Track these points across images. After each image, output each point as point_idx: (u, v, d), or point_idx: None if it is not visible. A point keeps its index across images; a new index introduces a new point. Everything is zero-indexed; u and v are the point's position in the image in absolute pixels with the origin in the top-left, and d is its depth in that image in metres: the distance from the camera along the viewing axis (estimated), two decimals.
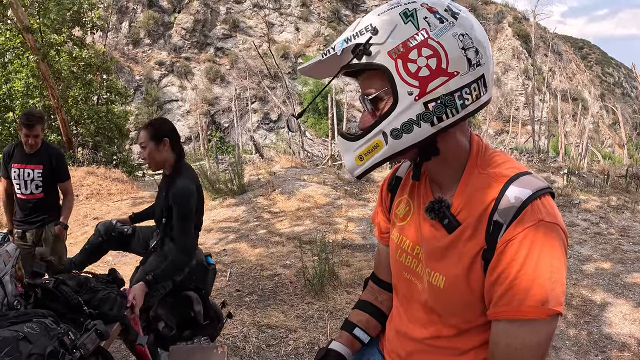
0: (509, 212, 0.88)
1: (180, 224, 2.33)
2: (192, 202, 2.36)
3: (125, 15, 32.26)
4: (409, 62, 0.85)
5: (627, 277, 4.19)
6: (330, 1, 37.35)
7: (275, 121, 30.96)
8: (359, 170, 0.96)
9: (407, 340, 1.10)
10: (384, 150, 0.91)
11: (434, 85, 0.86)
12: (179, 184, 2.34)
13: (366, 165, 0.94)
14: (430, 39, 0.85)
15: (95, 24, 12.34)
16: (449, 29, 0.86)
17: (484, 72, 0.89)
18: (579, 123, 24.07)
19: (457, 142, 0.97)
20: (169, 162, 2.44)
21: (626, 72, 55.33)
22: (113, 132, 12.59)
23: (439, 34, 0.86)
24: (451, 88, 0.86)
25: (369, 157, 0.93)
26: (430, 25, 0.86)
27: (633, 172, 8.55)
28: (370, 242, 5.21)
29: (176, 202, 2.32)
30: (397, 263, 1.13)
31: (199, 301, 2.59)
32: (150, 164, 2.43)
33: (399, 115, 0.88)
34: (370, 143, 0.92)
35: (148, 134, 2.37)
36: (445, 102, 0.87)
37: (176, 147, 2.44)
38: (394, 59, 0.86)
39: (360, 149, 0.93)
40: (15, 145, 3.22)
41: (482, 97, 0.90)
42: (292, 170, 9.18)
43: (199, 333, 2.62)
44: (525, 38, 39.88)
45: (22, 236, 3.21)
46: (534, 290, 0.84)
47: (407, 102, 0.87)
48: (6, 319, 1.53)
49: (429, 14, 0.87)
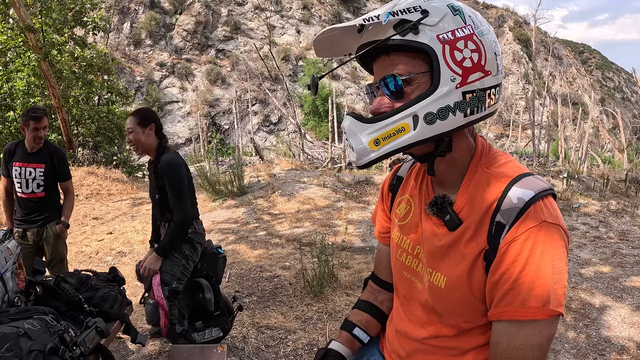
0: (512, 213, 0.88)
1: (174, 193, 2.50)
2: (181, 172, 2.53)
3: (127, 16, 32.32)
4: (456, 50, 0.86)
5: (626, 281, 4.19)
6: (331, 4, 37.44)
7: (275, 123, 30.98)
8: (371, 156, 0.89)
9: (407, 340, 1.10)
10: (409, 135, 0.87)
11: (473, 77, 0.87)
12: (164, 159, 2.52)
13: (382, 150, 0.89)
14: (475, 35, 0.88)
15: (97, 24, 12.36)
16: (486, 32, 0.91)
17: (502, 81, 0.95)
18: (579, 127, 24.10)
19: (466, 141, 0.98)
20: (153, 146, 2.61)
21: (626, 77, 55.43)
22: (113, 132, 12.59)
23: (481, 33, 0.90)
24: (485, 85, 0.89)
25: (388, 142, 0.88)
26: (474, 24, 0.90)
27: (633, 177, 8.55)
28: (369, 245, 5.21)
29: (166, 174, 2.49)
30: (398, 262, 1.13)
31: (210, 289, 2.72)
32: (137, 148, 2.60)
33: (438, 99, 0.86)
34: (393, 126, 0.87)
35: (136, 119, 2.56)
36: (479, 96, 0.89)
37: (159, 133, 2.64)
38: (442, 43, 0.86)
39: (379, 132, 0.88)
40: (17, 143, 3.21)
41: (497, 104, 0.94)
42: (292, 172, 9.18)
43: (211, 324, 2.74)
44: (525, 42, 39.98)
45: (23, 235, 3.20)
46: (536, 291, 0.84)
47: (448, 87, 0.86)
48: (7, 315, 1.54)
49: (472, 14, 0.91)
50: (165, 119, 29.09)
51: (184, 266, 2.59)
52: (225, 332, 2.83)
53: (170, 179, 2.49)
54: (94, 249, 5.36)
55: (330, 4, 37.41)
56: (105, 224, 6.51)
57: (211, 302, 2.72)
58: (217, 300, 2.77)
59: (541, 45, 39.72)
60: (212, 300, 2.72)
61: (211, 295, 2.72)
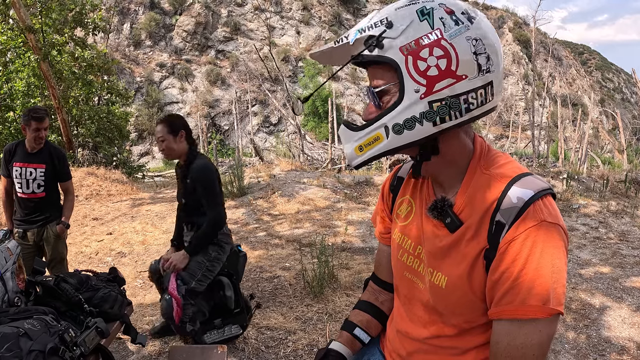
0: (511, 212, 0.89)
1: (208, 195, 2.60)
2: (213, 176, 2.64)
3: (127, 17, 32.34)
4: (419, 60, 0.86)
5: (626, 281, 4.19)
6: (331, 5, 37.47)
7: (275, 124, 30.98)
8: (357, 160, 0.96)
9: (408, 339, 1.10)
10: (383, 144, 0.91)
11: (440, 85, 0.86)
12: (197, 164, 2.63)
13: (365, 156, 0.95)
14: (443, 39, 0.86)
15: (97, 25, 12.37)
16: (463, 32, 0.87)
17: (492, 79, 0.90)
18: (578, 128, 24.11)
19: (460, 143, 0.97)
20: (184, 152, 2.69)
21: (626, 78, 55.48)
22: (113, 133, 12.60)
23: (452, 35, 0.86)
24: (457, 91, 0.87)
25: (368, 149, 0.93)
26: (445, 26, 0.87)
27: (632, 177, 8.56)
28: (369, 245, 5.21)
29: (199, 179, 2.59)
30: (399, 263, 1.13)
31: (230, 286, 2.79)
32: (169, 155, 2.69)
33: (403, 111, 0.88)
34: (371, 135, 0.92)
35: (166, 128, 2.63)
36: (450, 103, 0.87)
37: (190, 138, 2.72)
38: (405, 55, 0.86)
39: (361, 140, 0.94)
40: (17, 144, 3.20)
41: (487, 104, 0.91)
42: (292, 173, 9.18)
43: (230, 321, 2.81)
44: (525, 43, 40.00)
45: (23, 236, 3.19)
46: (536, 290, 0.84)
47: (413, 98, 0.87)
48: (7, 315, 1.53)
49: (446, 14, 0.87)
50: None
51: (207, 268, 2.65)
52: (243, 329, 2.91)
53: (204, 182, 2.59)
54: (94, 249, 5.36)
55: (330, 4, 37.43)
56: (105, 225, 6.51)
57: (232, 299, 2.79)
58: (237, 298, 2.84)
59: (541, 46, 39.73)
60: (232, 298, 2.80)
61: (232, 293, 2.80)
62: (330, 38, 34.82)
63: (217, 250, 2.70)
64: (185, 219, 2.79)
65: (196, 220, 2.71)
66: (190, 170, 2.63)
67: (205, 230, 2.62)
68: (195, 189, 2.62)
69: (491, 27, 0.92)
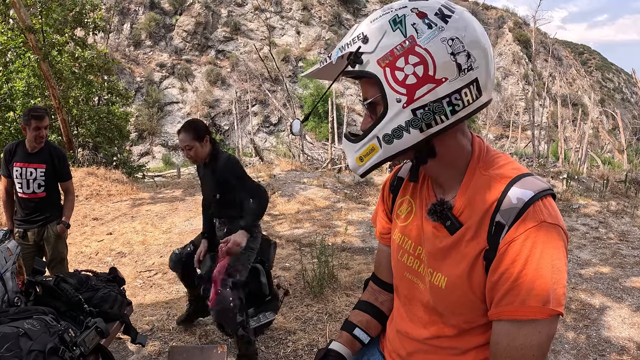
0: (511, 213, 0.89)
1: (244, 181, 2.69)
2: (238, 165, 2.73)
3: (127, 17, 32.34)
4: (397, 70, 0.86)
5: (626, 282, 4.19)
6: (331, 5, 37.46)
7: (275, 124, 30.98)
8: (360, 170, 0.99)
9: (407, 340, 1.10)
10: (379, 154, 0.94)
11: (421, 92, 0.86)
12: (222, 159, 2.71)
13: (366, 166, 0.97)
14: (417, 46, 0.85)
15: (97, 25, 12.36)
16: (437, 34, 0.86)
17: (477, 75, 0.88)
18: (578, 128, 24.12)
19: (458, 144, 0.97)
20: (209, 153, 2.76)
21: (626, 78, 55.47)
22: (113, 133, 12.59)
23: (426, 40, 0.85)
24: (439, 95, 0.86)
25: (367, 159, 0.96)
26: (417, 32, 0.86)
27: (632, 177, 8.56)
28: (369, 246, 5.21)
29: (229, 171, 2.67)
30: (399, 263, 1.13)
31: (264, 273, 2.86)
32: (196, 160, 2.75)
33: (389, 122, 0.90)
34: (367, 146, 0.95)
35: (192, 135, 2.66)
36: (434, 109, 0.87)
37: (212, 140, 2.78)
38: (383, 67, 0.87)
39: (360, 151, 0.96)
40: (17, 144, 3.20)
41: (475, 102, 0.89)
42: (292, 173, 9.19)
43: (263, 309, 2.90)
44: (525, 43, 40.00)
45: (24, 235, 3.19)
46: (536, 291, 0.84)
47: (396, 109, 0.88)
48: (6, 315, 1.54)
49: (418, 19, 0.87)
50: (165, 119, 29.12)
51: (246, 259, 2.71)
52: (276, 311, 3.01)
53: (236, 172, 2.68)
54: (94, 249, 5.36)
55: (330, 5, 37.43)
56: (105, 225, 6.51)
57: (266, 286, 2.87)
58: (270, 285, 2.92)
59: (541, 46, 39.73)
60: (267, 285, 2.87)
61: (265, 280, 2.86)
62: (330, 38, 34.85)
63: (251, 240, 2.74)
64: (217, 213, 2.86)
65: (230, 213, 2.78)
66: (218, 167, 2.69)
67: (257, 205, 2.65)
68: (226, 182, 2.68)
69: (472, 21, 0.90)
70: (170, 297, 3.84)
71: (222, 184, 2.71)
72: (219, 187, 2.75)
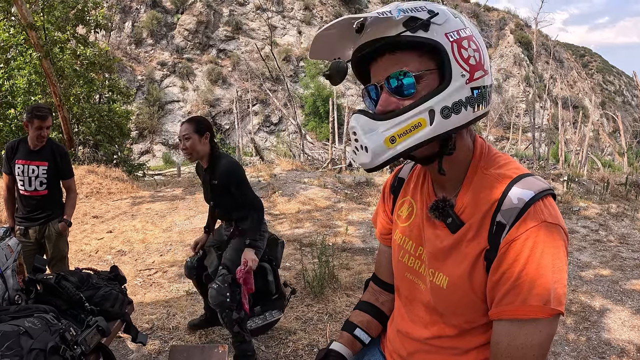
0: (512, 213, 0.89)
1: (243, 189, 2.67)
2: (241, 172, 2.69)
3: (129, 15, 32.32)
4: (462, 49, 0.89)
5: (626, 284, 4.19)
6: (333, 5, 37.44)
7: (276, 124, 30.96)
8: (388, 153, 0.87)
9: (408, 340, 1.11)
10: (427, 131, 0.86)
11: (478, 74, 0.90)
12: (223, 163, 2.66)
13: (399, 148, 0.87)
14: (474, 36, 0.92)
15: (99, 22, 12.35)
16: (479, 37, 0.93)
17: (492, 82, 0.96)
18: (579, 131, 24.12)
19: (464, 142, 0.98)
20: (207, 153, 2.70)
21: (627, 80, 55.45)
22: (114, 131, 12.57)
23: (477, 36, 0.93)
24: (486, 82, 0.91)
25: (404, 138, 0.86)
26: (471, 27, 0.93)
27: (633, 180, 8.56)
28: (370, 246, 5.21)
29: (229, 176, 2.63)
30: (400, 264, 1.13)
31: (272, 272, 2.89)
32: (191, 155, 2.67)
33: (452, 94, 0.87)
34: (410, 121, 0.86)
35: (192, 127, 2.64)
36: (483, 93, 0.91)
37: (212, 141, 2.74)
38: (451, 41, 0.88)
39: (395, 128, 0.86)
40: (19, 141, 3.20)
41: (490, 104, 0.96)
42: (292, 172, 9.19)
43: (269, 307, 2.93)
44: (527, 45, 39.99)
45: (25, 233, 3.19)
46: (537, 290, 0.84)
47: (459, 83, 0.87)
48: (7, 314, 1.53)
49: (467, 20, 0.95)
50: (165, 118, 29.09)
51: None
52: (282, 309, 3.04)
53: (236, 179, 2.64)
54: (94, 247, 5.35)
55: (331, 5, 37.40)
56: (105, 223, 6.51)
57: (273, 284, 2.89)
58: (277, 284, 2.94)
59: (542, 48, 39.74)
60: (274, 283, 2.89)
61: (273, 278, 2.89)
62: None
63: (259, 239, 2.76)
64: (221, 216, 2.89)
65: (233, 216, 2.79)
66: (218, 172, 2.66)
67: (253, 220, 2.68)
68: (226, 189, 2.66)
69: None
70: (170, 296, 3.84)
71: (219, 190, 2.70)
72: (215, 194, 2.74)
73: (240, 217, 2.76)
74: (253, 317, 2.86)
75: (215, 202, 2.83)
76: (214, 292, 2.54)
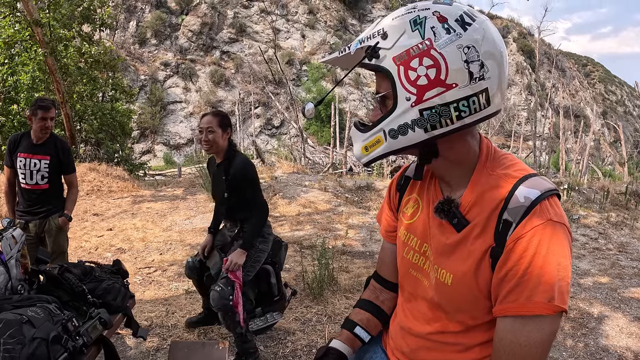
0: (519, 211, 0.90)
1: (253, 189, 2.71)
2: (253, 170, 2.74)
3: (133, 15, 32.41)
4: (410, 70, 0.89)
5: (625, 292, 4.20)
6: (337, 10, 37.55)
7: (277, 127, 30.98)
8: (364, 159, 1.02)
9: (410, 336, 1.11)
10: (383, 147, 0.97)
11: (430, 94, 0.88)
12: (237, 161, 2.70)
13: (370, 156, 1.00)
14: (432, 49, 0.87)
15: (105, 21, 12.38)
16: (454, 40, 0.87)
17: (487, 85, 0.89)
18: (580, 140, 24.13)
19: (465, 145, 0.99)
20: (224, 149, 2.75)
21: (629, 91, 55.48)
22: (116, 129, 12.59)
23: (442, 45, 0.87)
24: (447, 99, 0.88)
25: (372, 150, 0.99)
26: (435, 36, 0.88)
27: (633, 190, 8.57)
28: (369, 250, 5.21)
29: (242, 175, 2.67)
30: (404, 260, 1.14)
31: (274, 274, 2.90)
32: (211, 147, 2.71)
33: (397, 117, 0.92)
34: (374, 137, 0.97)
35: (217, 121, 2.69)
36: (440, 112, 0.89)
37: (230, 138, 2.80)
38: (398, 64, 0.90)
39: (366, 140, 0.99)
40: (22, 134, 3.21)
41: (482, 111, 0.90)
42: (293, 175, 9.20)
43: (270, 309, 2.94)
44: (529, 53, 40.07)
45: (25, 227, 3.18)
46: (542, 287, 0.85)
47: (405, 106, 0.91)
48: (10, 303, 1.54)
49: (438, 23, 0.89)
50: (167, 118, 29.11)
51: (254, 259, 2.73)
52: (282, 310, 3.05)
53: (248, 178, 2.68)
54: (94, 244, 5.36)
55: (336, 9, 37.51)
56: (106, 221, 6.51)
57: (275, 287, 2.90)
58: (279, 286, 2.95)
59: (545, 57, 39.82)
60: (276, 286, 2.90)
61: (275, 281, 2.90)
62: (335, 43, 34.89)
63: (262, 242, 2.78)
64: (226, 215, 2.88)
65: (238, 216, 2.79)
66: (233, 168, 2.69)
67: (255, 224, 2.70)
68: (238, 185, 2.68)
69: (492, 32, 0.92)
70: (170, 294, 3.84)
71: (232, 186, 2.71)
72: (229, 187, 2.75)
73: (245, 218, 2.77)
74: (254, 319, 2.86)
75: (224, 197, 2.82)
76: (216, 295, 2.54)
